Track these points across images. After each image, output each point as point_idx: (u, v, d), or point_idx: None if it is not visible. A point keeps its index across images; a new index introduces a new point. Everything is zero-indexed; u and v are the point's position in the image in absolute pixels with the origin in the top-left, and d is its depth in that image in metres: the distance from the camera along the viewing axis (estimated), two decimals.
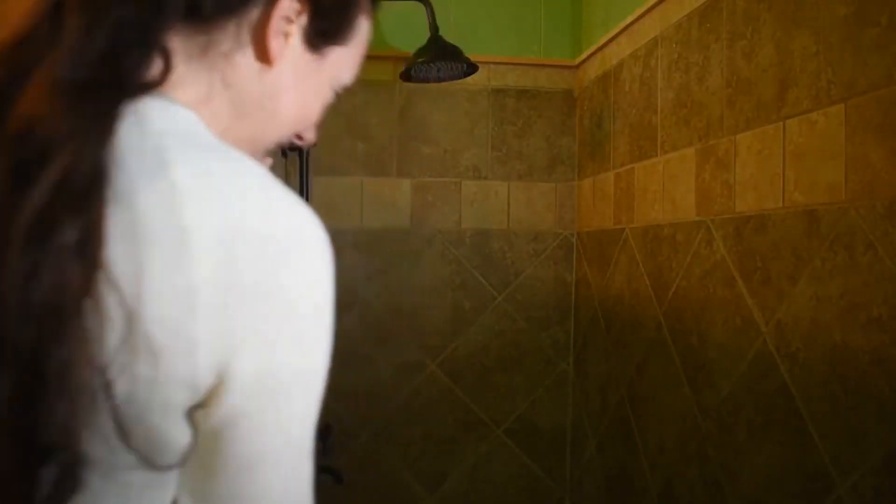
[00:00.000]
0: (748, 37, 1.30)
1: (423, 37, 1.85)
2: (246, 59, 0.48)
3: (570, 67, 2.25)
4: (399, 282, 2.19)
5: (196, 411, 0.40)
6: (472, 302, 2.23)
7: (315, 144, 2.00)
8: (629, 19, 1.81)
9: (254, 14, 0.47)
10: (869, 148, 1.00)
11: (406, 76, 1.92)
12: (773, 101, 1.22)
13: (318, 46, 0.51)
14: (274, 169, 1.84)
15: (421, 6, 1.86)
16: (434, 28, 1.84)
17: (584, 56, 2.16)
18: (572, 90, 2.26)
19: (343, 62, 0.55)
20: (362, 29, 0.55)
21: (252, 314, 0.39)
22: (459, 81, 2.08)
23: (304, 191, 1.80)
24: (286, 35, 0.49)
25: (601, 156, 2.04)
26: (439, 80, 1.98)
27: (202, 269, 0.37)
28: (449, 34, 2.08)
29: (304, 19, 0.49)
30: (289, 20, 0.48)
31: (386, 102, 2.18)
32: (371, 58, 2.27)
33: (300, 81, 0.52)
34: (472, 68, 1.89)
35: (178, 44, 0.44)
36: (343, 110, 2.16)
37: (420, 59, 1.81)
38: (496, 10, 2.23)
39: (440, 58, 1.82)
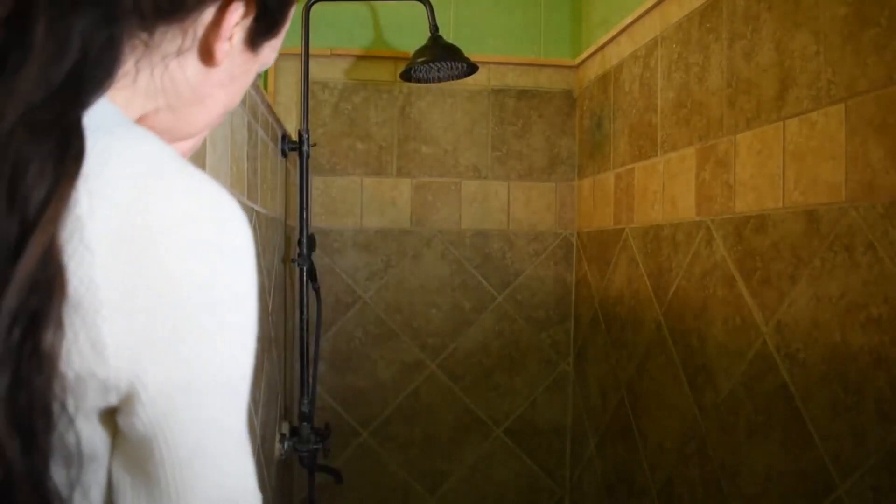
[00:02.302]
0: (748, 37, 1.30)
1: (423, 37, 1.85)
2: (187, 61, 0.47)
3: (570, 67, 2.25)
4: (399, 282, 2.19)
5: (117, 417, 0.39)
6: (472, 302, 2.23)
7: (315, 144, 2.00)
8: (629, 19, 1.81)
9: (202, 19, 0.45)
10: (869, 148, 1.00)
11: (406, 76, 1.92)
12: (773, 101, 1.22)
13: (257, 44, 0.51)
14: (274, 169, 1.82)
15: (421, 6, 1.86)
16: (434, 28, 1.84)
17: (584, 56, 2.16)
18: (572, 90, 2.26)
19: (272, 50, 0.54)
20: (291, 15, 0.54)
21: (161, 316, 0.37)
22: (459, 81, 2.08)
23: (303, 191, 1.80)
24: (230, 38, 0.48)
25: (601, 156, 2.04)
26: (439, 80, 1.98)
27: (99, 264, 0.35)
28: (449, 34, 2.09)
29: (247, 21, 0.48)
30: (237, 24, 0.47)
31: (386, 102, 2.18)
32: (371, 58, 2.26)
33: (235, 78, 0.52)
34: (472, 68, 1.89)
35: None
36: (343, 110, 2.16)
37: (420, 59, 1.81)
38: (496, 10, 2.23)
39: (440, 58, 1.82)
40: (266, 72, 2.11)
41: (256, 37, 0.50)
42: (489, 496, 2.26)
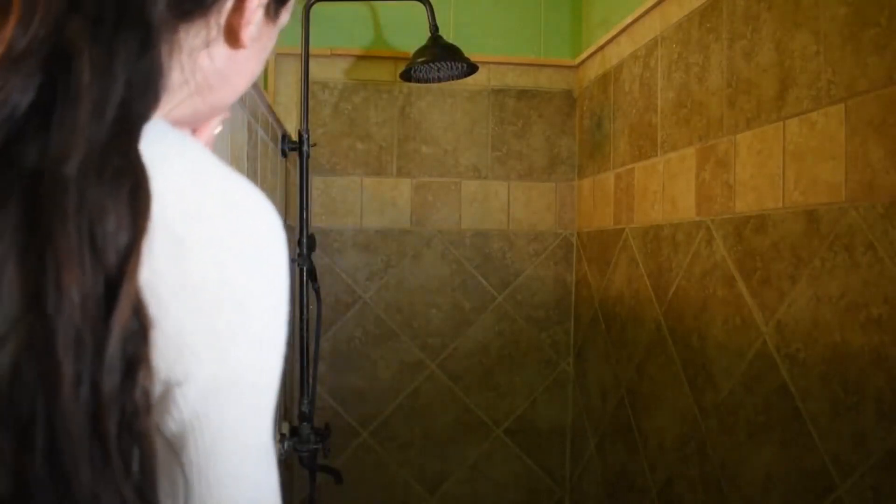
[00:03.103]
0: (748, 37, 1.30)
1: (423, 37, 1.85)
2: (214, 50, 0.47)
3: (570, 67, 2.25)
4: (399, 282, 2.19)
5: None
6: (472, 302, 2.23)
7: (315, 144, 2.00)
8: (629, 19, 1.81)
9: (224, 7, 0.46)
10: (869, 148, 1.00)
11: (406, 76, 1.92)
12: (773, 101, 1.22)
13: (276, 14, 0.51)
14: (274, 169, 1.81)
15: (421, 6, 1.86)
16: (434, 28, 1.84)
17: (584, 56, 2.16)
18: (572, 90, 2.26)
19: (287, 11, 0.54)
20: None
21: (204, 315, 0.38)
22: (459, 81, 2.08)
23: (303, 190, 1.80)
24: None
25: (601, 156, 2.04)
26: (439, 80, 1.98)
27: (146, 267, 0.36)
28: (449, 34, 2.09)
29: None
30: (260, 4, 0.47)
31: (386, 102, 2.18)
32: (371, 58, 2.26)
33: (259, 50, 0.52)
34: (472, 68, 1.89)
35: None
36: (343, 110, 2.16)
37: (420, 59, 1.81)
38: (496, 10, 2.23)
39: (440, 58, 1.82)
40: (266, 72, 2.11)
41: (276, 7, 0.51)
42: (489, 496, 2.26)
